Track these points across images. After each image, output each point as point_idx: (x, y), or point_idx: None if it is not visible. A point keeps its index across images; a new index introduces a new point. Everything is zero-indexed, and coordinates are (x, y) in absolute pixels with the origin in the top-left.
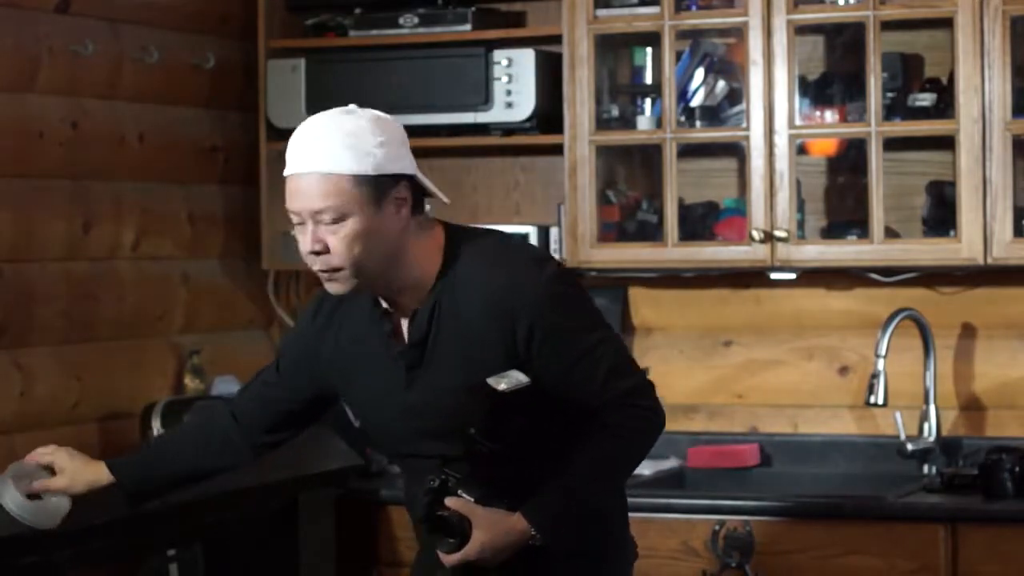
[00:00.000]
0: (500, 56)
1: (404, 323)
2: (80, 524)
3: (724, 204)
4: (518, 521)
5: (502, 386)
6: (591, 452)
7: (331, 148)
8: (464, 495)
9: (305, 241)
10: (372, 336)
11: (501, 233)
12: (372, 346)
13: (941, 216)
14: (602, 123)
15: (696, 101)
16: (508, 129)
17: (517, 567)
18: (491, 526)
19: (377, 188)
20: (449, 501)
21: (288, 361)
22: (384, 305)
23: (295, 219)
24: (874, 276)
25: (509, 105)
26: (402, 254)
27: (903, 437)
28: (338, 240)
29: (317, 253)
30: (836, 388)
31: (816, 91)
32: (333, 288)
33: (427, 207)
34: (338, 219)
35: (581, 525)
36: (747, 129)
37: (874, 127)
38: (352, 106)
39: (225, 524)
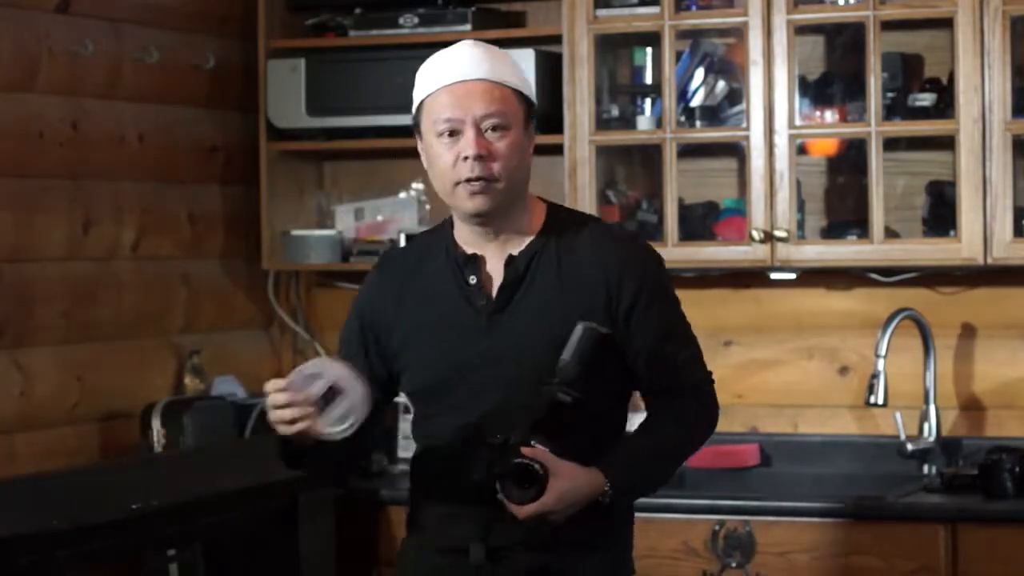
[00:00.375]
0: None
1: (490, 269)
2: (80, 524)
3: (724, 204)
4: (595, 475)
5: (593, 325)
6: (665, 429)
7: (497, 62)
8: (538, 445)
9: (467, 146)
10: (447, 286)
11: None
12: (446, 296)
13: (941, 216)
14: (602, 123)
15: (696, 101)
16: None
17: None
18: (572, 477)
19: (528, 112)
20: (526, 450)
21: (355, 350)
22: (469, 251)
23: (449, 127)
24: (874, 276)
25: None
26: (525, 192)
27: (903, 437)
28: (501, 147)
29: (480, 158)
30: (836, 388)
31: (816, 91)
32: (478, 202)
33: None
34: (501, 127)
35: (637, 498)
36: (747, 129)
37: (874, 127)
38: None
39: (225, 524)
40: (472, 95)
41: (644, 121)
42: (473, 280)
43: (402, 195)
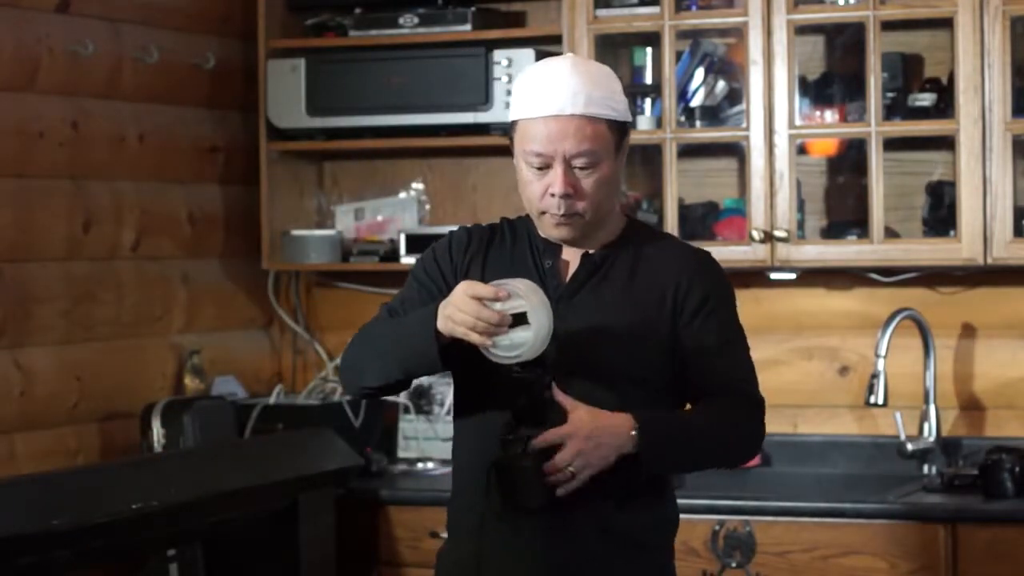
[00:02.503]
0: (500, 56)
1: (567, 258)
2: (80, 524)
3: (724, 204)
4: (625, 419)
5: None
6: (711, 411)
7: (591, 91)
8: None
9: (555, 184)
10: (526, 267)
11: None
12: (525, 276)
13: (941, 216)
14: None
15: (696, 101)
16: (508, 129)
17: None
18: (593, 411)
19: (620, 136)
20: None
21: (431, 281)
22: (552, 241)
23: (538, 162)
24: (874, 276)
25: (509, 105)
26: (612, 211)
27: (903, 437)
28: (589, 184)
29: (567, 196)
30: (836, 388)
31: (816, 91)
32: (562, 232)
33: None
34: (592, 164)
35: (671, 463)
36: (747, 129)
37: (874, 127)
38: (571, 54)
39: (225, 524)
40: (565, 133)
41: (644, 121)
42: (549, 264)
43: (402, 195)
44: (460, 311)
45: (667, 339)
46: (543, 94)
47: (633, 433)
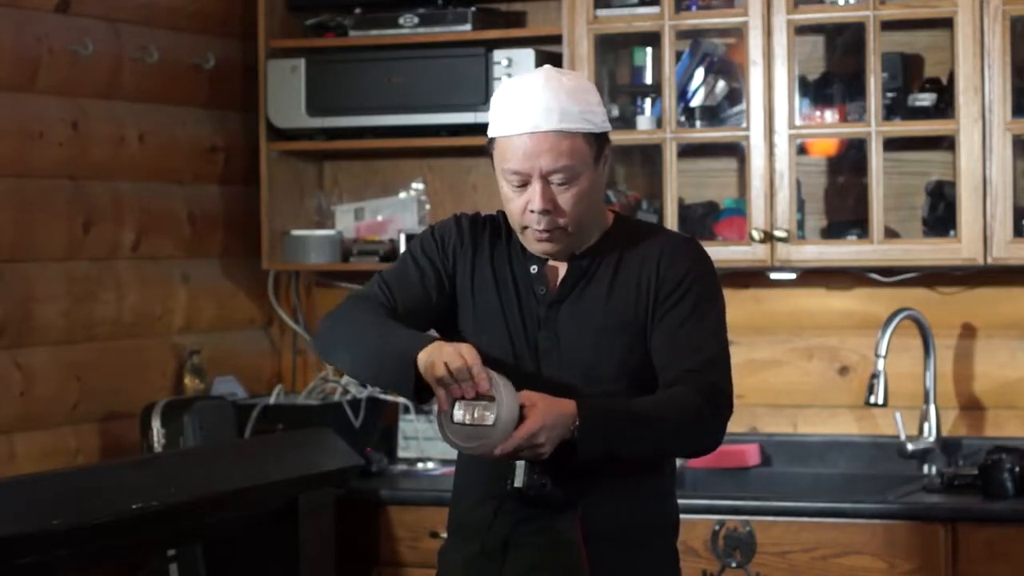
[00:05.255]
0: (500, 56)
1: (554, 263)
2: (80, 524)
3: (724, 204)
4: (568, 404)
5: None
6: (658, 398)
7: (564, 106)
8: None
9: (534, 200)
10: (514, 271)
11: None
12: (514, 281)
13: (941, 216)
14: None
15: (696, 101)
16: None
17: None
18: (544, 397)
19: (599, 146)
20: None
21: (430, 264)
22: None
23: (516, 180)
24: (874, 276)
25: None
26: (596, 217)
27: (903, 437)
28: (568, 199)
29: (546, 211)
30: (836, 388)
31: (816, 91)
32: (545, 247)
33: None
34: (570, 179)
35: (613, 449)
36: (747, 129)
37: (874, 127)
38: (547, 66)
39: (225, 524)
40: (540, 150)
41: (644, 121)
42: (535, 270)
43: (402, 195)
44: (450, 354)
45: (647, 332)
46: (517, 111)
47: (577, 423)
